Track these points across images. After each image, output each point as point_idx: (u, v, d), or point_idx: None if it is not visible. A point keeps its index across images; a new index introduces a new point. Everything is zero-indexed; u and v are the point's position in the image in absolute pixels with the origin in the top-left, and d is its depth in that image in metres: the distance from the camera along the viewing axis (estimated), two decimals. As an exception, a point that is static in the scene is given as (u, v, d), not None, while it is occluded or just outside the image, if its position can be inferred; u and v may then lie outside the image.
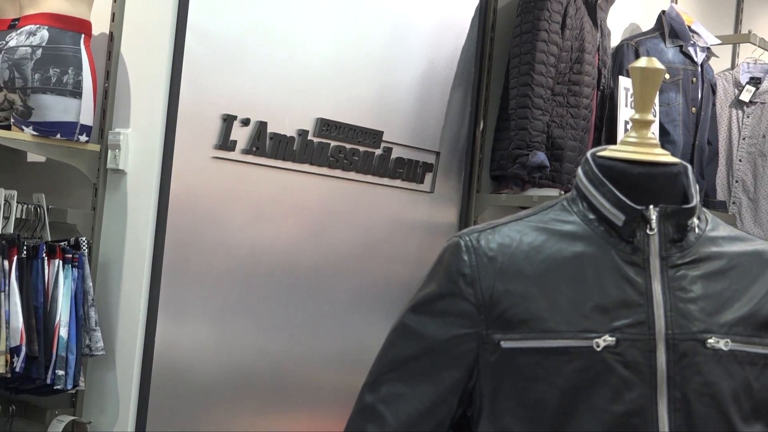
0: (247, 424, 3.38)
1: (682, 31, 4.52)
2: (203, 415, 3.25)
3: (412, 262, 3.77)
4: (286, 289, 3.43)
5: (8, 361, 2.86)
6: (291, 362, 3.46)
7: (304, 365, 3.50)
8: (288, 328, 3.45)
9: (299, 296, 3.48)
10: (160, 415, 3.12)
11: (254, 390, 3.38)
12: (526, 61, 3.85)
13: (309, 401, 3.51)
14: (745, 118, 4.92)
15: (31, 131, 2.99)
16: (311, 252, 3.50)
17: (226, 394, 3.31)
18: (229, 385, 3.31)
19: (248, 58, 3.29)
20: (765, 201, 4.82)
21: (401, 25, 3.74)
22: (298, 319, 3.48)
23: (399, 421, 1.44)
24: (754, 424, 1.42)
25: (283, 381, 3.45)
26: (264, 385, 3.40)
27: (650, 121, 1.51)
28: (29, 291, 2.92)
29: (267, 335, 3.40)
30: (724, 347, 1.41)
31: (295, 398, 3.48)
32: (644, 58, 1.51)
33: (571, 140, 3.97)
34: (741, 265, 1.48)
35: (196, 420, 3.24)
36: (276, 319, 3.42)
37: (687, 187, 1.49)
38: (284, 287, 3.43)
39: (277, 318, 3.42)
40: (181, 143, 3.12)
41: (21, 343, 2.86)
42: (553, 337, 1.39)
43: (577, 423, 1.37)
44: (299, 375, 3.49)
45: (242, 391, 3.35)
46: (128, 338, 3.10)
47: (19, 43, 2.99)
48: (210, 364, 3.26)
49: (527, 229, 1.48)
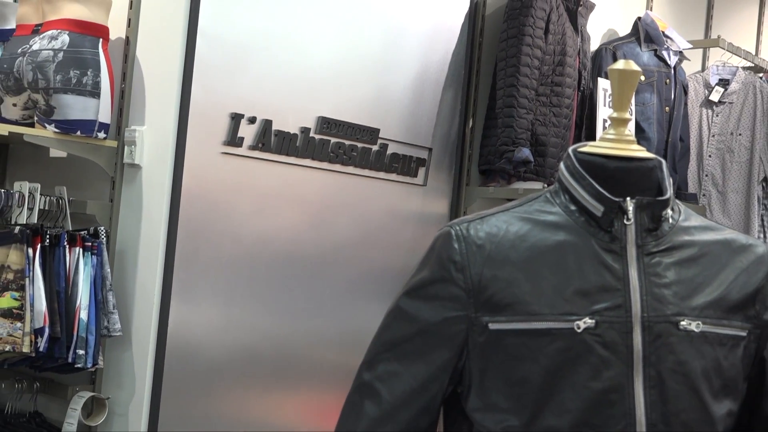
0: (253, 399, 3.39)
1: (657, 36, 4.53)
2: (213, 390, 3.26)
3: (406, 250, 3.77)
4: (289, 274, 3.44)
5: (33, 341, 2.87)
6: (294, 342, 3.47)
7: (306, 345, 3.50)
8: (291, 311, 3.45)
9: (301, 281, 3.48)
10: (173, 390, 3.13)
11: (260, 368, 3.38)
12: (512, 64, 3.85)
13: (310, 378, 3.52)
14: (715, 117, 4.92)
15: (53, 129, 2.99)
16: (312, 240, 3.51)
17: (233, 371, 3.31)
18: (236, 363, 3.32)
19: (254, 60, 3.28)
20: (733, 193, 4.83)
21: (396, 31, 3.74)
22: (301, 303, 3.48)
23: (394, 397, 1.44)
24: (724, 400, 1.42)
25: (286, 360, 3.45)
26: (269, 363, 3.40)
27: (627, 119, 1.51)
28: (52, 277, 2.92)
29: (271, 317, 3.40)
30: (696, 329, 1.41)
31: (298, 376, 3.49)
32: (622, 61, 1.51)
33: (554, 137, 3.97)
34: (711, 253, 1.48)
35: (207, 395, 3.24)
36: (280, 302, 3.42)
37: (661, 181, 1.50)
38: (287, 273, 3.43)
39: (280, 301, 3.42)
40: (192, 140, 3.12)
41: (44, 325, 2.87)
42: (537, 320, 1.39)
43: (559, 399, 1.38)
44: (301, 354, 3.49)
45: (248, 369, 3.35)
46: (143, 320, 3.11)
47: (42, 47, 2.98)
48: (219, 344, 3.27)
49: (513, 219, 1.48)
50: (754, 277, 1.48)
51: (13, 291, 2.90)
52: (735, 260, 1.49)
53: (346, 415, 1.49)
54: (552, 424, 1.38)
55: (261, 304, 3.37)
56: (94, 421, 3.10)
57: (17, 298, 2.89)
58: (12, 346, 2.86)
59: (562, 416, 1.37)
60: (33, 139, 3.00)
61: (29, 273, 2.89)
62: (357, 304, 3.63)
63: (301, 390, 3.51)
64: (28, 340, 2.87)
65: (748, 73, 5.04)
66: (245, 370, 3.35)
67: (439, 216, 3.95)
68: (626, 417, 1.36)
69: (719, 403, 1.41)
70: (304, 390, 3.51)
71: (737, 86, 4.93)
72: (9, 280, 2.91)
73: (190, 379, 3.19)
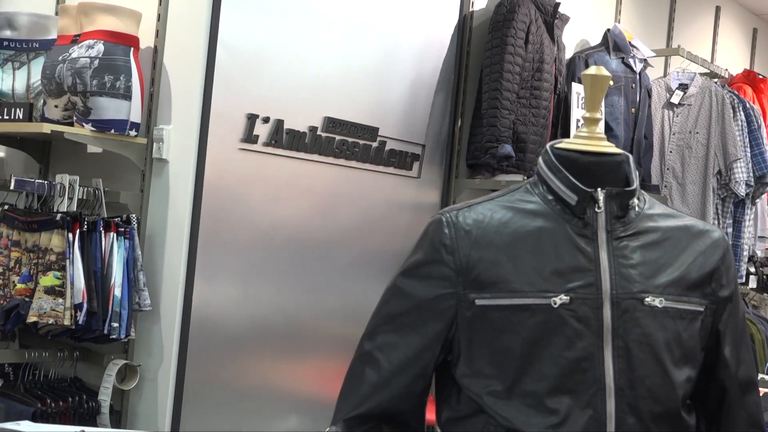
0: (266, 365, 3.39)
1: (624, 46, 4.52)
2: (231, 358, 3.27)
3: (402, 235, 3.77)
4: (298, 256, 3.44)
5: (73, 315, 2.88)
6: (302, 315, 3.47)
7: (313, 318, 3.51)
8: (300, 288, 3.46)
9: (309, 262, 3.48)
10: (196, 358, 3.13)
11: (272, 338, 3.39)
12: (496, 70, 3.85)
13: (317, 347, 3.52)
14: (675, 117, 4.92)
15: (90, 127, 2.99)
16: (319, 226, 3.51)
17: (249, 340, 3.32)
18: (252, 333, 3.32)
19: (268, 67, 3.28)
20: (691, 185, 4.83)
21: (393, 41, 3.74)
22: (309, 281, 3.48)
23: (392, 365, 1.45)
24: (683, 367, 1.42)
25: (296, 331, 3.45)
26: (280, 334, 3.41)
27: (598, 119, 1.51)
28: (89, 258, 2.93)
29: (283, 293, 3.41)
30: (659, 305, 1.41)
31: (306, 345, 3.49)
32: (593, 67, 1.51)
33: (533, 135, 3.96)
34: (673, 237, 1.48)
35: (226, 362, 3.25)
36: (290, 280, 3.42)
37: (628, 173, 1.50)
38: (297, 254, 3.44)
39: (291, 279, 3.43)
40: (213, 137, 3.12)
41: (83, 301, 2.88)
42: (518, 296, 1.39)
43: (538, 366, 1.38)
44: (309, 326, 3.49)
45: (263, 339, 3.36)
46: (170, 296, 3.11)
47: (80, 55, 2.98)
48: (237, 317, 3.27)
49: (497, 207, 1.48)
50: (710, 259, 1.49)
51: (55, 271, 2.91)
52: (694, 244, 1.49)
53: (350, 380, 1.49)
54: (531, 389, 1.38)
55: (274, 282, 3.37)
56: (127, 386, 3.10)
57: (59, 277, 2.90)
58: (54, 320, 2.87)
59: (540, 381, 1.37)
60: (72, 136, 3.00)
61: (69, 255, 2.90)
62: (358, 282, 3.63)
63: (309, 357, 3.51)
64: (69, 314, 2.87)
65: (705, 79, 5.04)
66: (260, 339, 3.35)
67: (432, 205, 3.94)
68: (597, 382, 1.37)
69: (679, 371, 1.41)
70: (312, 357, 3.52)
71: (695, 90, 4.93)
72: (52, 261, 2.92)
73: (212, 348, 3.20)
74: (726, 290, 1.49)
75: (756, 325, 5.34)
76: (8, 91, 3.28)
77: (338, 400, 1.49)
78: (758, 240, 5.22)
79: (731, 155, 4.78)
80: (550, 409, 1.36)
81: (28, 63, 3.30)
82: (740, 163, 4.79)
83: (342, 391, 1.49)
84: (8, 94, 3.28)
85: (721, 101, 4.85)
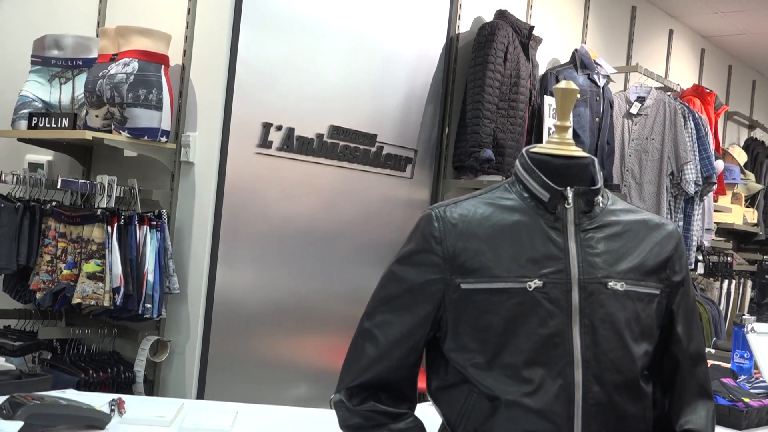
0: (279, 341, 3.39)
1: (589, 64, 4.52)
2: (249, 334, 3.26)
3: (396, 227, 3.77)
4: (307, 246, 3.44)
5: (111, 297, 2.88)
6: (311, 297, 3.47)
7: (320, 299, 3.50)
8: (309, 273, 3.45)
9: (317, 251, 3.48)
10: (219, 334, 3.13)
11: (285, 317, 3.39)
12: (478, 85, 3.85)
13: (323, 325, 3.52)
14: (634, 126, 4.92)
15: (126, 134, 2.98)
16: (325, 220, 3.50)
17: (265, 319, 3.32)
18: (267, 313, 3.32)
19: (281, 82, 3.27)
20: (647, 184, 4.83)
21: (390, 59, 3.73)
22: (317, 268, 3.48)
23: (387, 340, 1.44)
24: (642, 343, 1.42)
25: (305, 310, 3.45)
26: (292, 313, 3.41)
27: (568, 127, 1.51)
28: (126, 248, 2.92)
29: (294, 278, 3.40)
30: (620, 288, 1.41)
31: (314, 323, 3.49)
32: (563, 82, 1.51)
33: (510, 141, 3.96)
34: (632, 230, 1.48)
35: (244, 338, 3.24)
36: (300, 267, 3.42)
37: (594, 174, 1.49)
38: (306, 244, 3.43)
39: (301, 266, 3.42)
40: (232, 143, 3.11)
41: (120, 285, 2.88)
42: (498, 281, 1.39)
43: (515, 341, 1.37)
44: (317, 306, 3.49)
45: (276, 317, 3.36)
46: (196, 281, 3.11)
47: (117, 71, 2.97)
48: (254, 299, 3.27)
49: (479, 204, 1.47)
50: (665, 249, 1.48)
51: (96, 259, 2.91)
52: (650, 235, 1.49)
53: (351, 354, 1.49)
54: (509, 361, 1.37)
55: (286, 268, 3.37)
56: (159, 359, 3.10)
57: (99, 265, 2.90)
58: (95, 301, 2.87)
59: (517, 355, 1.37)
60: (111, 142, 2.99)
61: (108, 245, 2.89)
62: (359, 269, 3.63)
63: (317, 333, 3.51)
64: (108, 297, 2.87)
65: (659, 92, 5.03)
66: (274, 318, 3.35)
67: (423, 201, 3.94)
68: (566, 356, 1.36)
69: (638, 346, 1.41)
70: (319, 333, 3.51)
71: (651, 102, 4.92)
72: (93, 250, 2.92)
73: (232, 326, 3.19)
74: (678, 276, 1.49)
75: (704, 305, 5.35)
76: (55, 102, 3.28)
77: (341, 371, 1.48)
78: (705, 232, 5.22)
79: (682, 158, 4.79)
80: (526, 378, 1.36)
81: (72, 78, 3.29)
82: (690, 165, 4.79)
83: (345, 363, 1.49)
84: (55, 105, 3.28)
85: (673, 112, 4.85)
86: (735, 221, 6.05)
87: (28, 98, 3.24)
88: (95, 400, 1.69)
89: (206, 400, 2.97)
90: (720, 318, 5.56)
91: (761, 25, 6.23)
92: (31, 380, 1.87)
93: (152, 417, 1.66)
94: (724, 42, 6.76)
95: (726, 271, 6.07)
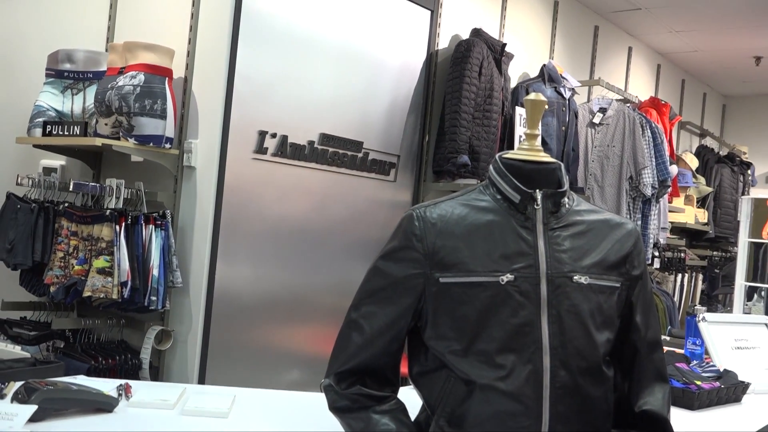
0: (274, 330, 3.38)
1: (556, 77, 4.53)
2: (246, 324, 3.25)
3: (381, 226, 3.77)
4: (300, 243, 3.43)
5: (119, 290, 2.86)
6: (303, 290, 3.46)
7: (311, 292, 3.50)
8: (301, 269, 3.45)
9: (308, 248, 3.47)
10: (218, 324, 3.12)
11: (279, 309, 3.38)
12: (456, 96, 3.85)
13: (314, 316, 3.51)
14: (596, 134, 4.93)
15: (133, 141, 2.96)
16: (316, 219, 3.50)
17: (261, 311, 3.30)
18: (263, 305, 3.31)
19: (275, 93, 3.26)
20: (609, 187, 4.84)
21: (375, 73, 3.73)
22: (308, 263, 3.47)
23: (373, 330, 1.44)
24: (604, 331, 1.42)
25: (298, 303, 3.45)
26: (285, 305, 3.40)
27: (536, 135, 1.51)
28: (133, 245, 2.91)
29: (287, 273, 3.39)
30: (585, 282, 1.41)
31: (306, 313, 3.48)
32: (533, 94, 1.50)
33: (485, 147, 3.96)
34: (595, 228, 1.48)
35: (242, 328, 3.23)
36: (293, 262, 3.41)
37: (560, 178, 1.49)
38: (299, 242, 3.43)
39: (294, 262, 3.41)
40: (231, 149, 3.10)
41: (127, 279, 2.86)
42: (474, 276, 1.38)
43: (489, 330, 1.37)
44: (308, 299, 3.49)
45: (271, 309, 3.35)
46: (198, 275, 3.09)
47: (125, 83, 2.95)
48: (250, 292, 3.26)
49: (456, 205, 1.47)
50: (624, 246, 1.48)
51: (105, 255, 2.89)
52: (612, 233, 1.49)
53: (339, 342, 1.48)
54: (483, 348, 1.37)
55: (280, 264, 3.36)
56: (163, 347, 3.08)
57: (108, 261, 2.88)
58: (105, 294, 2.86)
59: (491, 342, 1.37)
60: (119, 148, 2.98)
61: (117, 243, 2.88)
62: (347, 264, 3.63)
63: (308, 323, 3.50)
64: (116, 290, 2.86)
65: (620, 104, 5.05)
66: (269, 309, 3.34)
67: (405, 203, 3.94)
68: (535, 343, 1.36)
69: (601, 334, 1.41)
70: (310, 323, 3.51)
71: (612, 113, 4.94)
72: (102, 247, 2.90)
73: (231, 317, 3.18)
74: (637, 270, 1.49)
75: (659, 297, 5.38)
76: (68, 112, 3.26)
77: (330, 358, 1.48)
78: (661, 230, 5.25)
79: (640, 164, 4.81)
80: (499, 364, 1.36)
81: (83, 90, 3.27)
82: (647, 170, 4.81)
83: (333, 350, 1.48)
84: (68, 114, 3.26)
85: (632, 121, 4.87)
86: (687, 221, 6.09)
87: (43, 108, 3.22)
88: (104, 385, 1.68)
89: (207, 385, 2.96)
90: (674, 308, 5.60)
91: (711, 44, 6.28)
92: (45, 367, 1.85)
93: (157, 400, 1.65)
94: (678, 58, 6.80)
95: (679, 266, 6.11)
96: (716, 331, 2.60)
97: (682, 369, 2.29)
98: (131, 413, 1.58)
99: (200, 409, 1.63)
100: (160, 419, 1.56)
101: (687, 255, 6.23)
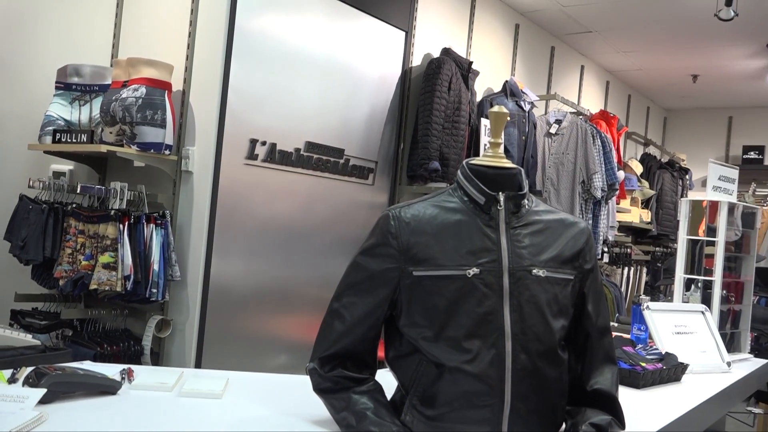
0: (264, 320, 3.36)
1: (517, 92, 4.55)
2: (239, 314, 3.23)
3: (360, 226, 3.76)
4: (287, 240, 3.42)
5: (123, 284, 2.83)
6: (290, 283, 3.45)
7: (298, 285, 3.48)
8: (288, 263, 3.43)
9: (295, 245, 3.46)
10: (213, 314, 3.10)
11: (268, 300, 3.36)
12: (428, 108, 3.86)
13: (300, 306, 3.50)
14: (552, 143, 4.96)
15: (135, 148, 2.93)
16: (302, 219, 3.49)
17: (252, 302, 3.29)
18: (254, 296, 3.29)
19: (265, 104, 3.25)
20: (563, 190, 4.87)
21: (355, 87, 3.73)
22: (295, 258, 3.46)
23: (353, 318, 1.43)
24: (559, 319, 1.42)
25: (285, 294, 3.43)
26: (274, 296, 3.38)
27: (500, 143, 1.50)
28: (135, 242, 2.88)
29: (276, 267, 3.38)
30: (542, 274, 1.41)
31: (293, 304, 3.47)
32: (496, 107, 1.50)
33: (454, 155, 3.97)
34: (552, 227, 1.48)
35: (234, 317, 3.21)
36: (281, 258, 3.40)
37: (521, 182, 1.49)
38: (286, 239, 3.41)
39: (282, 257, 3.40)
40: (225, 155, 3.08)
41: (130, 273, 2.83)
42: (443, 269, 1.38)
43: (457, 318, 1.37)
44: (294, 291, 3.47)
45: (261, 300, 3.33)
46: (194, 270, 3.07)
47: (128, 95, 2.92)
48: (242, 285, 3.24)
49: (428, 206, 1.46)
50: (578, 242, 1.49)
51: (110, 252, 2.86)
52: (566, 231, 1.49)
53: (322, 329, 1.47)
54: (452, 335, 1.37)
55: (269, 259, 3.35)
56: (163, 335, 3.06)
57: (113, 257, 2.85)
58: (109, 287, 2.83)
59: (459, 329, 1.37)
60: (123, 154, 2.95)
61: (120, 240, 2.85)
62: (329, 259, 3.62)
63: (294, 313, 3.49)
64: (120, 283, 2.83)
65: (573, 116, 5.08)
66: (259, 300, 3.32)
67: (382, 204, 3.94)
68: (499, 329, 1.36)
69: (557, 321, 1.41)
70: (296, 313, 3.49)
71: (566, 124, 4.97)
72: (107, 245, 2.87)
73: (224, 307, 3.16)
74: (589, 264, 1.50)
75: (608, 288, 5.42)
76: (76, 121, 3.23)
77: (315, 344, 1.47)
78: (609, 229, 5.29)
79: (591, 170, 4.84)
80: (466, 349, 1.36)
81: (90, 101, 3.24)
82: (597, 175, 4.85)
83: (317, 337, 1.47)
84: (75, 124, 3.22)
85: (584, 132, 4.90)
86: (633, 220, 6.15)
87: (53, 117, 3.19)
88: (108, 370, 1.66)
89: (202, 369, 2.94)
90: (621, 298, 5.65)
91: (654, 63, 6.35)
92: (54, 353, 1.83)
93: (157, 383, 1.63)
94: (625, 76, 6.87)
95: (626, 260, 6.17)
96: (659, 318, 2.62)
97: (628, 352, 2.30)
98: (133, 395, 1.56)
99: (196, 391, 1.61)
100: (160, 400, 1.54)
101: (633, 251, 6.29)
